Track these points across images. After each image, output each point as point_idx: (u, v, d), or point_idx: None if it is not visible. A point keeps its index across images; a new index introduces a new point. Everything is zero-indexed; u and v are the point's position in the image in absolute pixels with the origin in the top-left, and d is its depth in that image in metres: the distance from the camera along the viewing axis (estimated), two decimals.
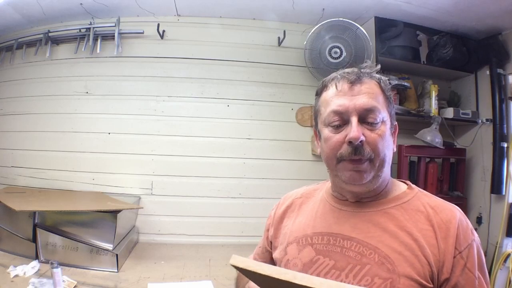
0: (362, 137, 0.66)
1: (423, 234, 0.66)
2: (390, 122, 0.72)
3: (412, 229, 0.67)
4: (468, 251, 0.65)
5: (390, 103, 0.73)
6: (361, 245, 0.68)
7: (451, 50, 2.27)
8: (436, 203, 0.71)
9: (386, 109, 0.71)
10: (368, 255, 0.67)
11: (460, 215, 0.69)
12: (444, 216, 0.68)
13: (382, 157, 0.69)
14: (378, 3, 2.09)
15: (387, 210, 0.70)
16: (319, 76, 2.29)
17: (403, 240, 0.66)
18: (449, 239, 0.65)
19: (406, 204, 0.71)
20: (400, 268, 0.64)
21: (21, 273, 1.58)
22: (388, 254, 0.65)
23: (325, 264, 0.70)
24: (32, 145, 2.37)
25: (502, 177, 2.19)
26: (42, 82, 2.40)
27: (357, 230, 0.70)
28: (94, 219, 1.80)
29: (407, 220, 0.68)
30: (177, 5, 2.23)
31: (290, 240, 0.78)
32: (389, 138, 0.71)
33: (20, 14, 2.26)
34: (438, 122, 2.25)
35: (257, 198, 2.36)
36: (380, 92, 0.71)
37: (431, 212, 0.68)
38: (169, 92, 2.35)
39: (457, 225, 0.66)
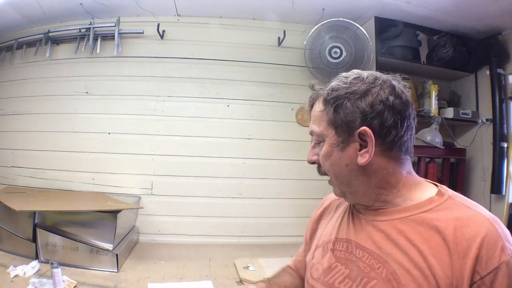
0: (312, 159, 0.71)
1: (433, 249, 0.58)
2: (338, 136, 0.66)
3: (423, 244, 0.59)
4: (494, 275, 0.55)
5: (334, 112, 0.65)
6: (372, 257, 0.64)
7: (451, 50, 2.27)
8: (463, 214, 0.60)
9: (328, 125, 0.67)
10: (376, 269, 0.63)
11: (489, 230, 0.57)
12: (468, 231, 0.57)
13: (332, 173, 0.68)
14: (378, 3, 2.09)
15: (401, 220, 0.64)
16: (319, 76, 2.29)
17: (412, 257, 0.59)
18: (467, 259, 0.55)
19: (424, 214, 0.62)
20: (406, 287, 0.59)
21: (21, 273, 1.58)
22: (396, 270, 0.60)
23: (341, 272, 0.68)
24: (32, 145, 2.37)
25: (502, 177, 2.19)
26: (42, 82, 2.40)
27: (371, 240, 0.66)
28: (94, 219, 1.80)
29: (419, 234, 0.61)
30: (177, 5, 2.23)
31: (319, 243, 0.77)
32: (335, 154, 0.66)
33: (20, 14, 2.26)
34: (438, 122, 2.25)
35: (257, 198, 2.36)
36: (321, 109, 0.68)
37: (453, 226, 0.58)
38: (169, 92, 2.35)
39: (481, 243, 0.56)
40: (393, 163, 0.66)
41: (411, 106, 0.67)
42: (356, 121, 0.63)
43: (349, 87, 0.65)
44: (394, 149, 0.65)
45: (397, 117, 0.64)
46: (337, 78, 0.69)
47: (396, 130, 0.64)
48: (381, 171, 0.65)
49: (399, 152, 0.66)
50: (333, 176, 0.69)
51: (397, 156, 0.66)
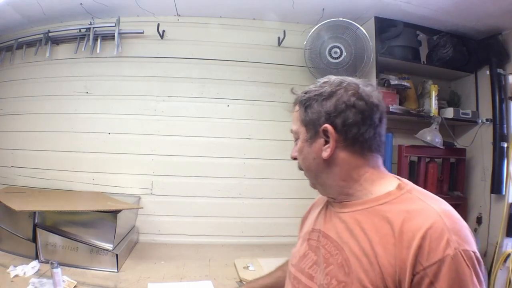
0: (292, 155, 0.81)
1: (381, 239, 0.63)
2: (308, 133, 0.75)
3: (374, 233, 0.64)
4: (438, 268, 0.57)
5: (305, 112, 0.74)
6: (332, 244, 0.71)
7: (451, 50, 2.27)
8: (415, 207, 0.64)
9: (301, 124, 0.76)
10: (334, 255, 0.69)
11: (436, 223, 0.59)
12: (414, 222, 0.61)
13: (304, 167, 0.79)
14: (378, 3, 2.09)
15: (360, 212, 0.69)
16: (319, 76, 2.26)
17: (363, 245, 0.65)
18: (410, 249, 0.59)
19: (381, 206, 0.67)
20: (355, 273, 0.64)
21: (21, 273, 1.58)
22: (349, 257, 0.66)
23: (311, 259, 0.76)
24: (32, 145, 2.37)
25: (502, 177, 2.19)
26: (42, 82, 2.40)
27: (334, 230, 0.73)
28: (94, 219, 1.80)
29: (373, 224, 0.65)
30: (177, 5, 2.23)
31: (301, 235, 0.87)
32: (306, 150, 0.76)
33: (20, 14, 2.26)
34: (438, 122, 2.25)
35: (257, 198, 2.36)
36: (297, 112, 0.78)
37: (402, 217, 0.62)
38: (169, 92, 2.35)
39: (424, 235, 0.58)
40: (356, 158, 0.72)
41: (378, 108, 0.72)
42: (320, 120, 0.72)
43: (318, 90, 0.74)
44: (356, 145, 0.71)
45: (359, 116, 0.70)
46: (313, 83, 0.78)
47: (357, 128, 0.70)
48: (344, 165, 0.72)
49: (362, 148, 0.71)
50: (305, 169, 0.79)
51: (360, 152, 0.72)
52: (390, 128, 2.44)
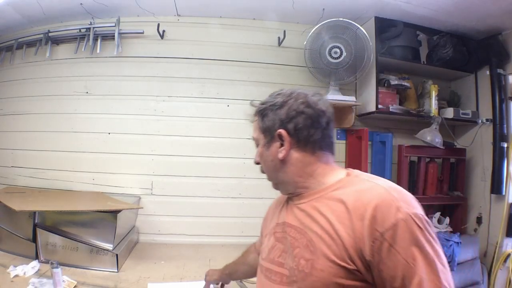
0: (255, 160, 0.94)
1: (338, 217, 0.72)
2: (265, 138, 0.87)
3: (331, 214, 0.74)
4: (393, 231, 0.65)
5: (262, 121, 0.88)
6: (296, 231, 0.81)
7: (451, 50, 2.27)
8: (363, 186, 0.74)
9: (260, 131, 0.89)
10: (299, 239, 0.79)
11: (384, 195, 0.69)
12: (365, 198, 0.70)
13: (264, 169, 0.91)
14: (378, 3, 2.09)
15: (316, 199, 0.80)
16: (319, 76, 2.29)
17: (322, 224, 0.74)
18: (364, 220, 0.68)
19: (334, 191, 0.78)
20: (319, 250, 0.73)
21: (21, 273, 1.58)
22: (312, 238, 0.75)
23: (278, 249, 0.85)
24: (32, 145, 2.37)
25: (502, 177, 2.19)
26: (42, 82, 2.40)
27: (296, 218, 0.83)
28: (94, 219, 1.80)
29: (328, 207, 0.76)
30: (177, 5, 2.23)
31: (266, 232, 0.97)
32: (265, 154, 0.88)
33: (20, 14, 2.26)
34: (438, 122, 2.25)
35: (257, 198, 2.35)
36: (256, 121, 0.91)
37: (353, 196, 0.73)
38: (169, 92, 2.35)
39: (376, 205, 0.68)
40: (309, 156, 0.84)
41: (325, 113, 0.85)
42: (275, 126, 0.84)
43: (272, 101, 0.87)
44: (308, 146, 0.83)
45: (308, 121, 0.82)
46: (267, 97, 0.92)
47: (307, 131, 0.82)
48: (298, 163, 0.84)
49: (313, 148, 0.84)
50: (266, 171, 0.91)
51: (311, 152, 0.84)
52: (390, 128, 2.44)
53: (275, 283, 0.82)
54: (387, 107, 2.24)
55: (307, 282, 0.73)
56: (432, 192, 2.37)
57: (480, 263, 2.20)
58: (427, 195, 2.36)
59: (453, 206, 2.43)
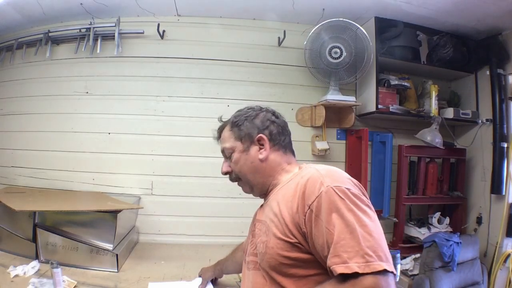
0: (225, 170, 1.09)
1: (283, 200, 0.89)
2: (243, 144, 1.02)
3: (281, 200, 0.90)
4: (317, 202, 0.77)
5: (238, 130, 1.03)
6: (261, 223, 0.97)
7: (451, 50, 2.27)
8: (306, 172, 0.89)
9: (235, 140, 1.04)
10: (261, 229, 0.95)
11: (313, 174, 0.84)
12: (303, 180, 0.85)
13: (242, 174, 1.04)
14: (378, 3, 2.09)
15: (276, 193, 0.97)
16: (319, 76, 2.29)
17: (275, 210, 0.90)
18: (299, 198, 0.82)
19: (288, 182, 0.95)
20: (271, 231, 0.88)
21: (21, 273, 1.58)
22: (268, 223, 0.91)
23: (251, 242, 1.02)
24: (32, 145, 2.37)
25: (502, 177, 2.19)
26: (42, 82, 2.40)
27: (264, 213, 0.98)
28: (94, 219, 1.80)
29: (281, 194, 0.93)
30: (177, 5, 2.23)
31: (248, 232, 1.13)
32: (244, 159, 1.02)
33: (20, 14, 2.26)
34: (438, 122, 2.25)
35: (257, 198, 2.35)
36: (228, 132, 1.06)
37: (297, 181, 0.88)
38: (169, 92, 2.35)
39: (305, 183, 0.83)
40: (280, 157, 1.03)
41: (286, 124, 1.10)
42: (254, 132, 1.02)
43: (246, 113, 1.06)
44: (280, 149, 1.04)
45: (279, 128, 1.05)
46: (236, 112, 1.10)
47: (279, 137, 1.04)
48: (273, 163, 1.02)
49: (284, 150, 1.05)
50: (243, 174, 1.04)
51: (282, 153, 1.04)
52: (390, 128, 2.44)
53: (251, 270, 0.97)
54: (387, 107, 2.24)
55: (264, 260, 0.87)
56: (432, 192, 2.37)
57: (480, 263, 2.20)
58: (427, 195, 2.36)
59: (453, 206, 2.43)
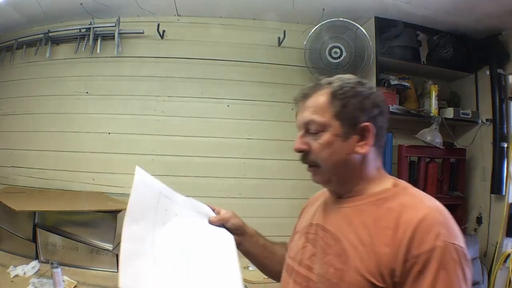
0: (302, 147, 0.77)
1: (381, 232, 0.66)
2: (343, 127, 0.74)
3: (373, 225, 0.68)
4: (427, 257, 0.61)
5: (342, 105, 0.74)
6: (331, 236, 0.75)
7: (451, 50, 2.27)
8: (410, 202, 0.69)
9: (333, 117, 0.74)
10: (332, 246, 0.73)
11: (427, 216, 0.64)
12: (409, 215, 0.65)
13: (327, 162, 0.75)
14: (378, 3, 2.09)
15: (359, 206, 0.74)
16: (319, 76, 2.29)
17: (361, 235, 0.69)
18: (403, 239, 0.63)
19: (379, 201, 0.72)
20: (352, 261, 0.67)
21: (21, 273, 1.58)
22: (346, 247, 0.70)
23: (308, 251, 0.80)
24: (32, 145, 2.37)
25: (502, 177, 2.19)
26: (42, 82, 2.40)
27: (333, 223, 0.77)
28: (94, 219, 1.80)
29: (372, 216, 0.70)
30: (177, 5, 2.23)
31: (298, 229, 0.90)
32: (337, 145, 0.74)
33: (20, 14, 2.26)
34: (438, 122, 2.25)
35: (257, 198, 2.36)
36: (326, 101, 0.75)
37: (398, 210, 0.67)
38: (169, 92, 2.35)
39: (416, 225, 0.63)
40: (376, 158, 0.78)
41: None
42: (360, 117, 0.74)
43: (355, 88, 0.75)
44: (378, 150, 0.77)
45: (385, 122, 0.77)
46: (339, 79, 0.78)
47: (382, 131, 0.77)
48: (369, 163, 0.76)
49: (378, 152, 0.78)
50: (329, 163, 0.75)
51: (376, 156, 0.78)
52: (390, 128, 2.44)
53: (300, 287, 0.77)
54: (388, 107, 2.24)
55: None
56: (432, 192, 2.36)
57: (480, 263, 2.20)
58: None
59: (453, 206, 2.43)
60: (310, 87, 0.81)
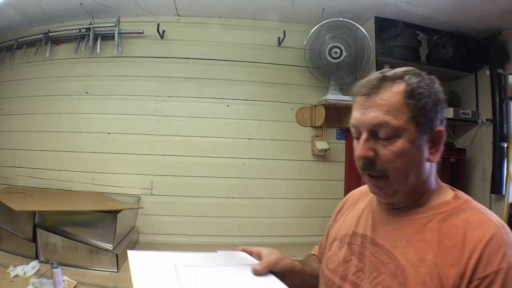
0: (368, 154, 0.64)
1: (446, 252, 0.59)
2: (418, 132, 0.63)
3: (437, 244, 0.61)
4: (492, 280, 0.55)
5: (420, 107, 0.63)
6: (384, 253, 0.66)
7: (451, 50, 2.27)
8: (475, 218, 0.62)
9: (409, 120, 0.63)
10: (386, 264, 0.65)
11: (495, 235, 0.58)
12: (476, 234, 0.59)
13: (400, 173, 0.64)
14: (378, 3, 2.09)
15: (419, 221, 0.65)
16: (319, 76, 2.30)
17: (423, 255, 0.61)
18: (471, 260, 0.57)
19: (442, 215, 0.64)
20: (412, 284, 0.60)
21: (21, 273, 1.58)
22: (404, 267, 0.62)
23: (354, 265, 0.71)
24: (32, 145, 2.37)
25: (502, 177, 2.19)
26: (42, 82, 2.40)
27: (387, 237, 0.68)
28: (94, 219, 1.80)
29: (435, 233, 0.62)
30: (177, 5, 2.23)
31: (337, 236, 0.80)
32: (411, 153, 0.64)
33: (20, 14, 2.26)
34: None
35: (257, 198, 2.36)
36: (401, 100, 0.63)
37: (464, 228, 0.60)
38: (169, 92, 2.35)
39: (484, 246, 0.57)
40: (435, 168, 0.69)
41: None
42: (435, 122, 0.65)
43: (431, 86, 0.65)
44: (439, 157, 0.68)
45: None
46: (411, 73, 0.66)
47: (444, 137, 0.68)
48: (432, 171, 0.68)
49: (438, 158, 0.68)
50: (402, 175, 0.65)
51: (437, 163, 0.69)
52: None
53: None
54: None
55: None
56: None
57: None
58: None
59: None
60: (377, 79, 0.66)
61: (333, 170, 2.41)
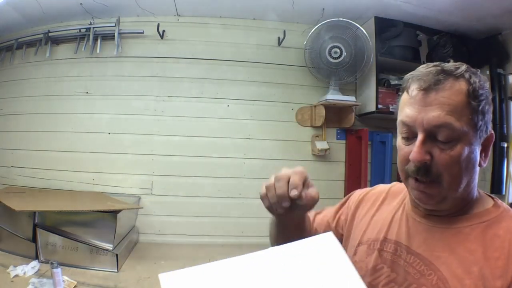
0: (426, 158, 0.58)
1: (492, 263, 0.56)
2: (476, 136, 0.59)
3: (482, 255, 0.57)
4: None
5: (477, 111, 0.58)
6: (423, 263, 0.61)
7: (451, 50, 2.26)
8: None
9: (469, 122, 0.57)
10: (427, 276, 0.60)
11: None
12: None
13: (456, 180, 0.59)
14: (378, 3, 2.09)
15: (461, 230, 0.61)
16: (319, 76, 2.29)
17: (468, 266, 0.57)
18: None
19: (484, 224, 0.60)
20: None
21: (21, 273, 1.58)
22: (448, 278, 0.58)
23: (386, 275, 0.66)
24: (32, 145, 2.37)
25: (502, 177, 2.19)
26: (42, 82, 2.40)
27: (425, 246, 0.63)
28: (94, 219, 1.80)
29: (479, 243, 0.58)
30: (177, 5, 2.23)
31: (363, 240, 0.74)
32: (469, 158, 0.58)
33: (20, 14, 2.26)
34: None
35: (257, 198, 2.31)
36: (464, 100, 0.57)
37: (509, 239, 0.56)
38: (169, 92, 2.35)
39: None
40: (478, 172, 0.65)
41: None
42: (489, 125, 0.61)
43: (486, 89, 0.60)
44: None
45: None
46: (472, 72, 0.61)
47: None
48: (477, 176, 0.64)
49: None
50: (458, 181, 0.60)
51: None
52: (390, 128, 2.44)
53: None
54: (387, 107, 2.24)
55: None
56: None
57: None
58: None
59: None
60: (437, 72, 0.59)
61: (333, 170, 2.41)
